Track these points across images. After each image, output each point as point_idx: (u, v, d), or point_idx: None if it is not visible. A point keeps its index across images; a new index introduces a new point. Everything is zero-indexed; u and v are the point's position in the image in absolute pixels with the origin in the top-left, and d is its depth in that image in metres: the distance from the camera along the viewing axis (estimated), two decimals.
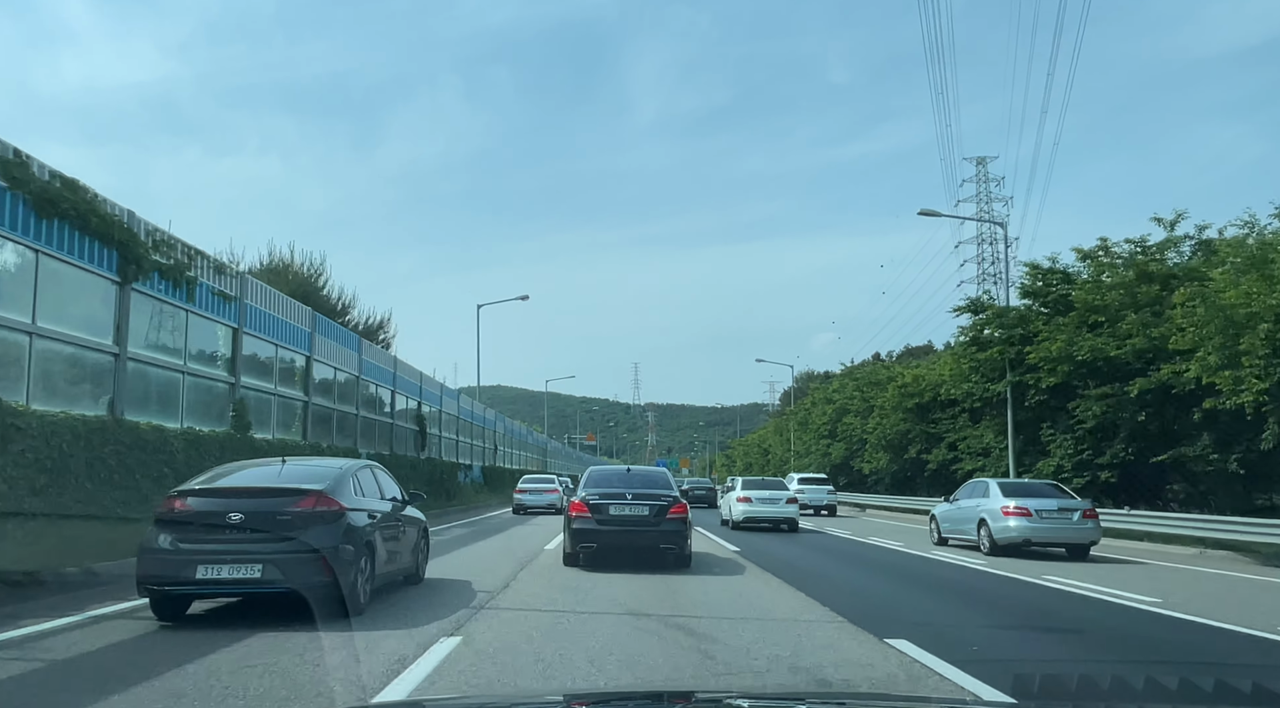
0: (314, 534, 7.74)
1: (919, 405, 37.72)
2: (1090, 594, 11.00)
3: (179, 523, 7.72)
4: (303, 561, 7.61)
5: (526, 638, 7.25)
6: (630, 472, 13.87)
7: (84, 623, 7.62)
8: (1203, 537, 18.21)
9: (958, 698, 5.24)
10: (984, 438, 31.99)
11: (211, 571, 7.48)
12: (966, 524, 17.95)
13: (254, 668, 5.94)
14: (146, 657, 6.38)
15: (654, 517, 12.25)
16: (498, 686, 5.67)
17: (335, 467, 9.14)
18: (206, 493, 8.03)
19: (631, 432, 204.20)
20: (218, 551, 7.55)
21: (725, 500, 25.62)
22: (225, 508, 7.77)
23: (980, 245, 79.56)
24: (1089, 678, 5.24)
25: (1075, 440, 25.85)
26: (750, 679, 5.93)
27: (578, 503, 12.45)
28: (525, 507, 30.92)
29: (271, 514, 7.75)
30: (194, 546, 7.59)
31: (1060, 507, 16.47)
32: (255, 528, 7.66)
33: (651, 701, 3.19)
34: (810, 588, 10.74)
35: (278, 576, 7.53)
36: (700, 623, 8.11)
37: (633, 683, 5.70)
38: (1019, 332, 26.82)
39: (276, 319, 19.29)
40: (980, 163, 77.80)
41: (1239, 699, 5.12)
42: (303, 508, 7.84)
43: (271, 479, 8.44)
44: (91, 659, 6.33)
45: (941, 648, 6.85)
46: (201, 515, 7.77)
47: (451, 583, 10.71)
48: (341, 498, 8.21)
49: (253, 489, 8.20)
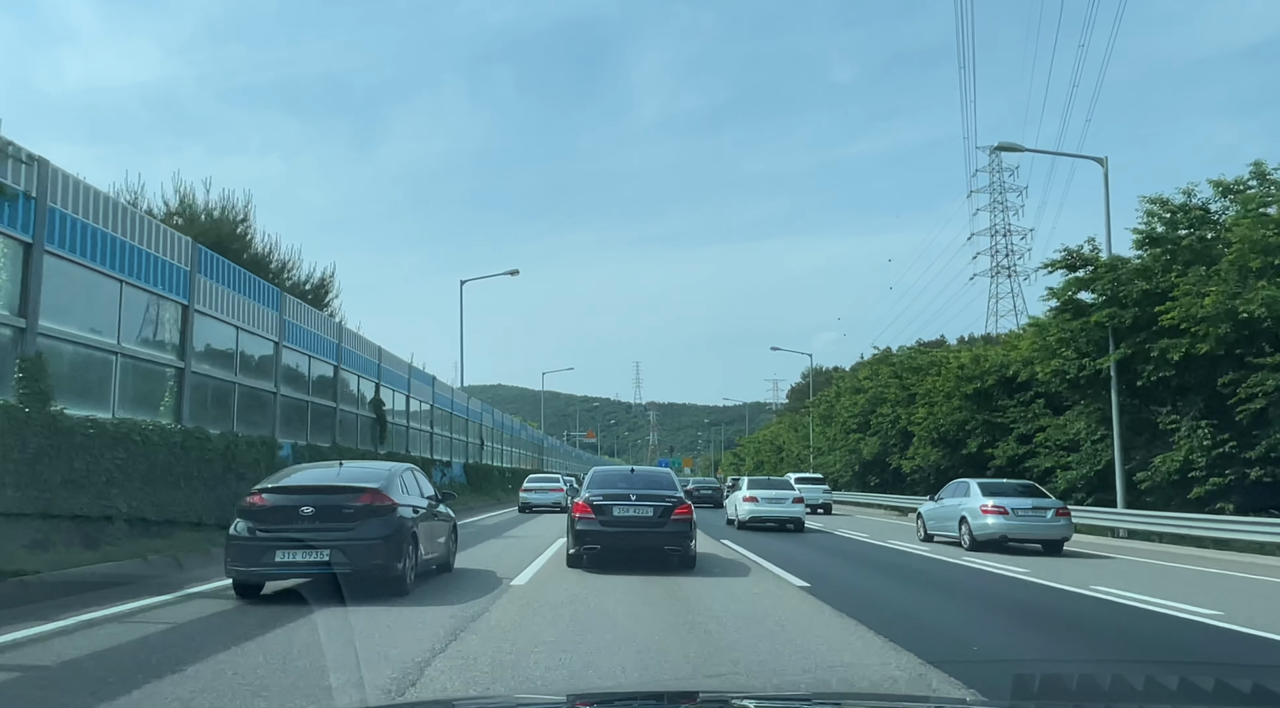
0: (371, 525, 9.15)
1: (979, 391, 32.11)
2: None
3: (258, 515, 9.10)
4: (363, 547, 8.97)
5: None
6: (634, 472, 13.76)
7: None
8: None
9: (958, 698, 5.23)
10: (1071, 428, 26.29)
11: (287, 555, 8.88)
12: (949, 521, 19.11)
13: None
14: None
15: (658, 518, 12.13)
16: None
17: (385, 468, 10.71)
18: (280, 491, 9.37)
19: (633, 431, 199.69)
20: (292, 538, 8.92)
21: (730, 500, 25.46)
22: (297, 502, 9.15)
23: (994, 237, 78.14)
24: (1088, 678, 5.09)
25: (1213, 430, 20.08)
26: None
27: (581, 504, 12.31)
28: (531, 505, 31.36)
29: (337, 508, 9.15)
30: (272, 534, 8.93)
31: (1035, 506, 17.60)
32: (323, 520, 9.02)
33: (656, 701, 3.18)
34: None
35: (342, 560, 8.86)
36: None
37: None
38: (1139, 287, 20.79)
39: (118, 241, 12.80)
40: (994, 153, 74.47)
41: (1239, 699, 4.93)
42: (362, 503, 9.23)
43: (333, 478, 9.95)
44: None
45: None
46: (277, 510, 9.11)
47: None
48: (393, 495, 9.63)
49: (319, 487, 9.54)
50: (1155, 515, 20.64)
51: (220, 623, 7.66)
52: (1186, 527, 19.40)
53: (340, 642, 6.73)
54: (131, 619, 7.68)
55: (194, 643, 6.65)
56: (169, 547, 11.65)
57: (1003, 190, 76.99)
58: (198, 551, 11.75)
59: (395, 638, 6.94)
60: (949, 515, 19.19)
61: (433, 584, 10.40)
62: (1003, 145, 24.13)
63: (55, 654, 6.21)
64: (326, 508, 9.05)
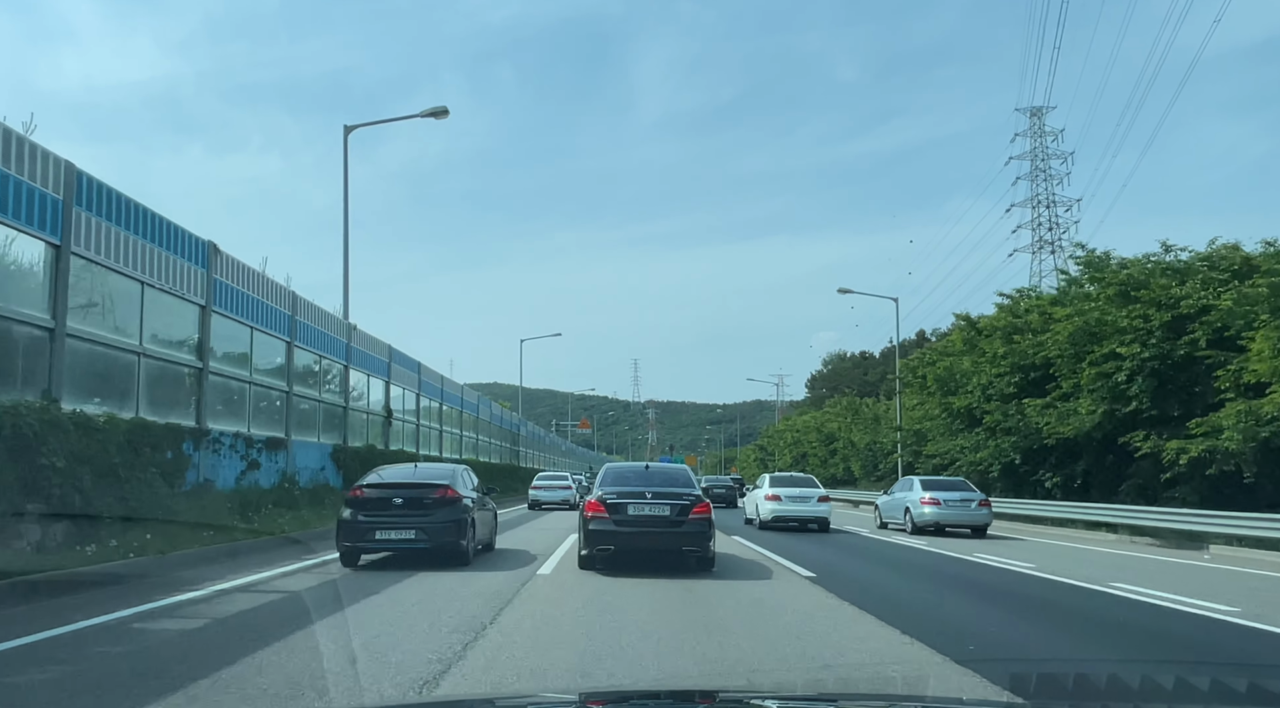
0: (445, 512, 12.14)
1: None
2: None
3: (360, 504, 12.05)
4: (440, 528, 11.99)
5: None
6: (649, 469, 13.35)
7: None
8: None
9: (983, 698, 5.40)
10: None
11: (384, 534, 11.88)
12: (897, 511, 22.70)
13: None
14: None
15: (676, 517, 11.76)
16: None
17: (450, 468, 13.98)
18: (376, 486, 12.43)
19: (632, 428, 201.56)
20: (388, 521, 11.90)
21: (750, 498, 24.98)
22: (391, 494, 12.13)
23: (1035, 209, 68.97)
24: (1086, 677, 5.39)
25: None
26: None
27: (594, 502, 11.98)
28: (540, 503, 32.81)
29: (419, 498, 12.12)
30: (371, 518, 11.90)
31: (962, 498, 21.43)
32: (409, 507, 12.02)
33: (675, 700, 3.17)
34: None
35: (424, 538, 11.92)
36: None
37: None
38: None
39: None
40: (1035, 114, 67.47)
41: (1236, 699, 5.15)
42: (438, 496, 12.20)
43: (412, 476, 13.12)
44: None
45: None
46: (376, 500, 12.09)
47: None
48: (459, 488, 12.62)
49: (405, 483, 12.53)
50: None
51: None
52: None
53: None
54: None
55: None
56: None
57: (1045, 156, 68.67)
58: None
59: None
60: (898, 506, 22.79)
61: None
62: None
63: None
64: (412, 498, 12.07)
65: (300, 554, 13.15)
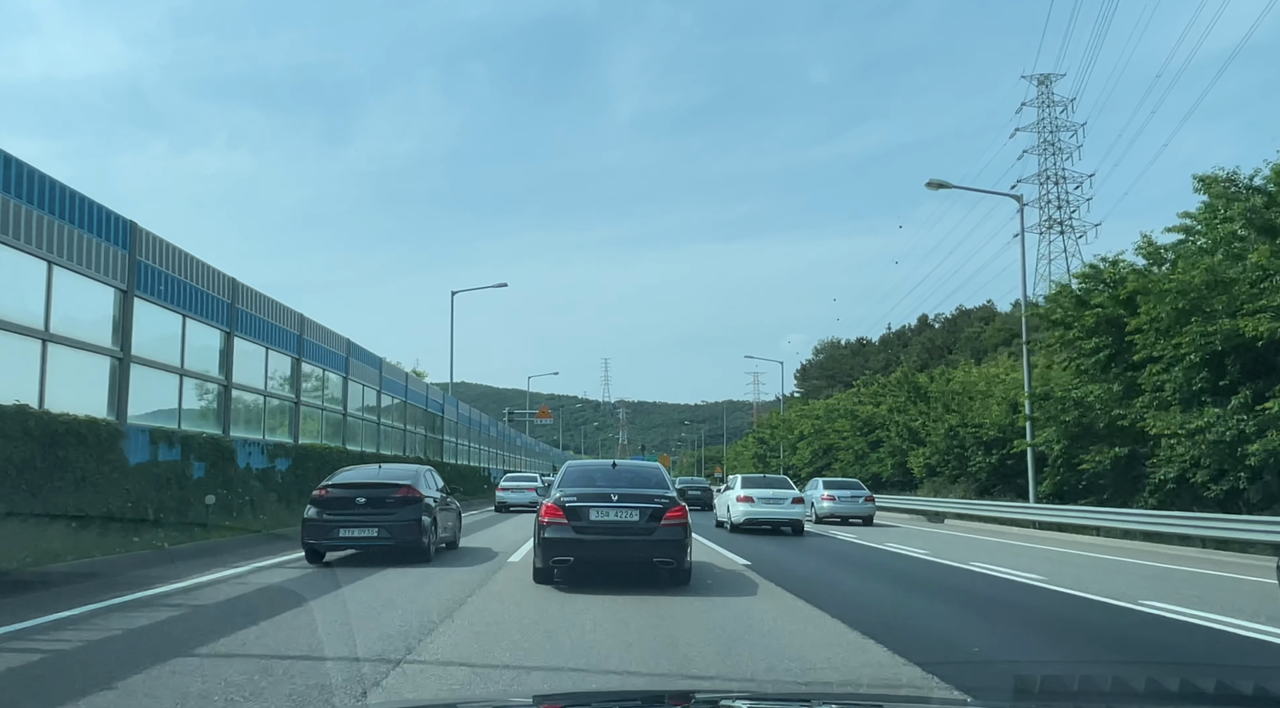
0: (407, 511, 12.59)
1: None
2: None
3: (324, 503, 12.50)
4: (401, 526, 12.46)
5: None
6: (616, 467, 11.84)
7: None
8: None
9: (958, 699, 5.38)
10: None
11: (347, 531, 12.39)
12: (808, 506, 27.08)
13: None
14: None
15: (646, 523, 10.23)
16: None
17: (413, 468, 14.42)
18: (340, 486, 12.89)
19: (602, 428, 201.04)
20: (351, 519, 12.39)
21: (722, 500, 24.51)
22: (354, 494, 12.63)
23: (1043, 185, 64.07)
24: (1088, 678, 5.32)
25: None
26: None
27: (551, 506, 10.36)
28: (508, 505, 32.15)
29: (382, 498, 12.62)
30: (335, 516, 12.39)
31: (853, 494, 28.48)
32: (372, 506, 12.50)
33: (645, 702, 3.09)
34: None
35: (387, 536, 12.41)
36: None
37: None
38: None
39: None
40: (1044, 82, 64.58)
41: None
42: (400, 495, 12.67)
43: (376, 476, 13.43)
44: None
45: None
46: (340, 499, 12.57)
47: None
48: (421, 488, 13.08)
49: (368, 483, 12.95)
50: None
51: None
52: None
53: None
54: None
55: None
56: None
57: (1054, 128, 64.44)
58: None
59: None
60: (809, 501, 27.47)
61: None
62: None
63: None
64: (374, 498, 12.59)
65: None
